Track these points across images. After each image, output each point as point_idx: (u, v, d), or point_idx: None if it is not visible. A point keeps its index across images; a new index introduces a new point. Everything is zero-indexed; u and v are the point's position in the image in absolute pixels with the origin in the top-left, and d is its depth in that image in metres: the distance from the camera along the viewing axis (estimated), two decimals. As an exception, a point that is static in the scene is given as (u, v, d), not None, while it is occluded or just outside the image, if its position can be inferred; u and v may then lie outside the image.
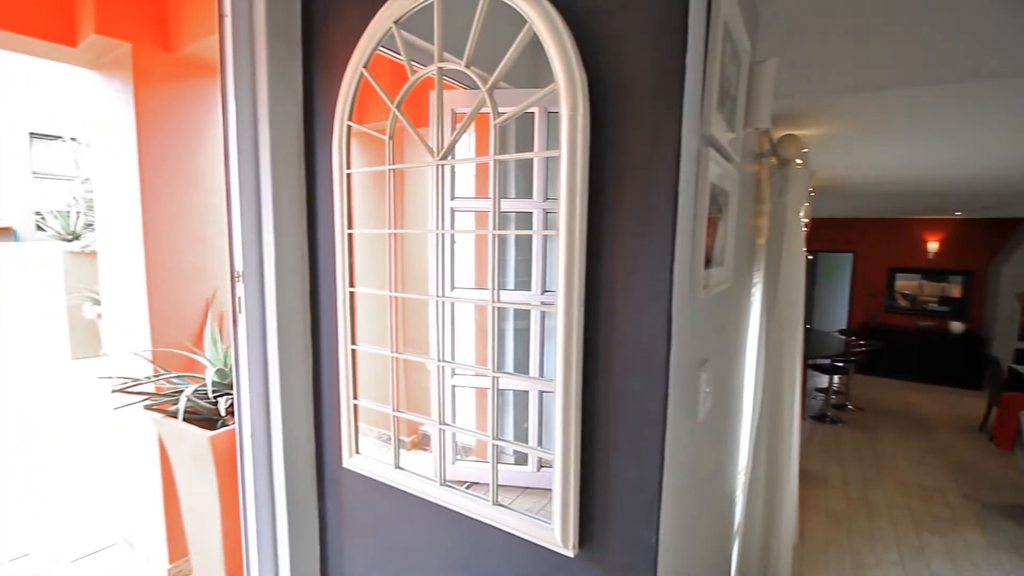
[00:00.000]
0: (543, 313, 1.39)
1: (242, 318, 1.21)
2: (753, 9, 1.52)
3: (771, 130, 1.97)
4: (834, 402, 5.91)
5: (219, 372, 2.03)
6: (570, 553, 0.91)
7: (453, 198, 1.56)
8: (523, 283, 1.93)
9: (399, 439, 1.25)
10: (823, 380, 6.06)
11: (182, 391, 1.86)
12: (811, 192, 4.14)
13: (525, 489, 1.72)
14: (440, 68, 0.96)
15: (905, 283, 7.52)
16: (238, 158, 1.15)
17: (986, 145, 2.49)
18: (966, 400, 6.41)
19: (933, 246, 7.32)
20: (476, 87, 0.91)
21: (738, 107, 1.09)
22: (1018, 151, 2.61)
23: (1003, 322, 6.61)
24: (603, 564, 0.92)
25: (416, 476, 1.13)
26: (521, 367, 1.87)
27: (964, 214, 6.65)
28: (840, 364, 5.64)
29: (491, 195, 0.93)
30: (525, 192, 1.70)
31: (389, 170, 1.07)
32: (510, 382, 1.69)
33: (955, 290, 7.24)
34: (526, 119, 1.55)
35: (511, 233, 1.74)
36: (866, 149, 2.61)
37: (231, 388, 1.95)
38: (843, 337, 6.38)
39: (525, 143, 1.63)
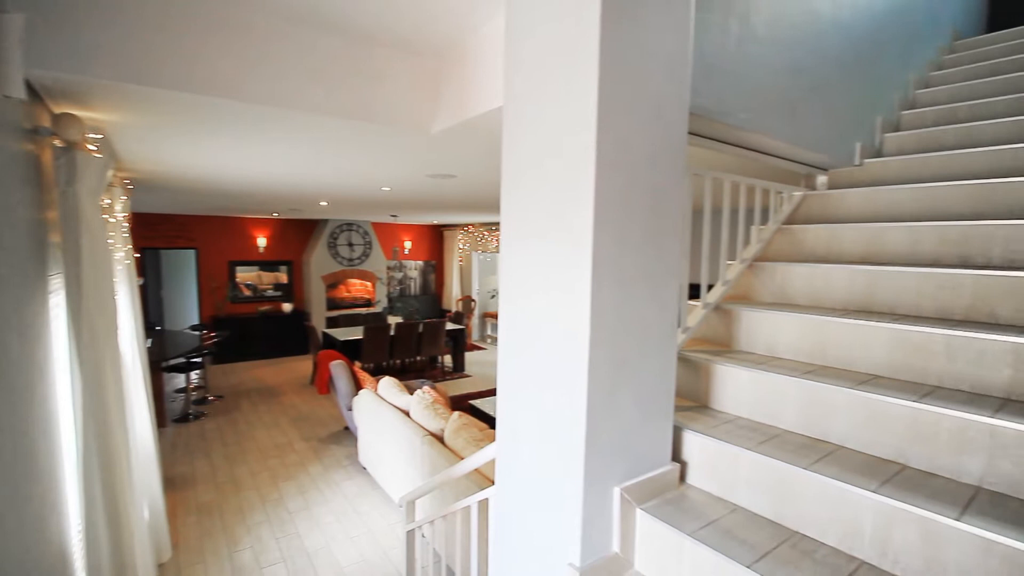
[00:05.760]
0: None
1: None
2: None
3: (47, 103, 1.62)
4: (195, 398, 5.95)
5: None
6: None
7: None
8: None
9: None
10: (181, 380, 5.97)
11: None
12: (128, 184, 3.84)
13: None
14: None
15: (245, 274, 8.47)
16: None
17: (280, 161, 3.07)
18: (300, 364, 8.03)
19: (263, 241, 8.58)
20: None
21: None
22: (297, 169, 3.38)
23: (316, 299, 8.68)
24: None
25: None
26: None
27: (280, 215, 8.13)
28: (196, 360, 5.70)
29: None
30: None
31: None
32: None
33: (283, 277, 8.84)
34: None
35: None
36: (181, 146, 2.64)
37: None
38: (196, 333, 6.47)
39: None
